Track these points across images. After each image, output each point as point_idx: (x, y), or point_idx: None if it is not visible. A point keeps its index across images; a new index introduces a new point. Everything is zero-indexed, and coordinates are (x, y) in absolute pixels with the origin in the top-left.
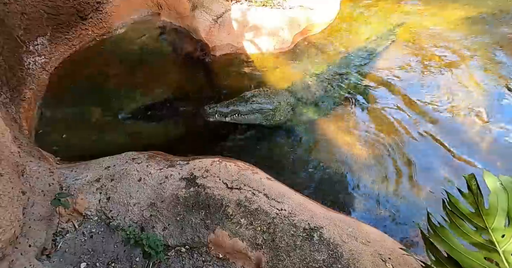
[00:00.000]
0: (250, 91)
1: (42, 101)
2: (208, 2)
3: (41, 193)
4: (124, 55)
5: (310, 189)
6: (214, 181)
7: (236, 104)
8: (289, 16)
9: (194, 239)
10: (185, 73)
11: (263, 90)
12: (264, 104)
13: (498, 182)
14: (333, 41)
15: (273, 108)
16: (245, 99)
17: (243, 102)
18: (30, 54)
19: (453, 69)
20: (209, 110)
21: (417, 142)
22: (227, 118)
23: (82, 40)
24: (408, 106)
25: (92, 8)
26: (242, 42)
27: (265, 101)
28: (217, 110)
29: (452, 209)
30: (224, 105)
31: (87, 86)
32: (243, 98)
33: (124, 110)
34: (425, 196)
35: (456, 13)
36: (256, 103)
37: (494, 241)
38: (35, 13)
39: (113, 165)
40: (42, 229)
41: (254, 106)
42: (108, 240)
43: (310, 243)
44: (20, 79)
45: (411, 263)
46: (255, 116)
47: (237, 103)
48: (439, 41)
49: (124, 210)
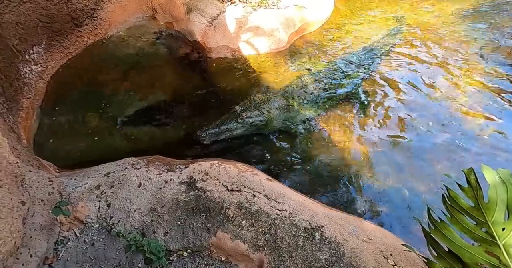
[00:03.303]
0: (238, 106)
1: (40, 109)
2: (203, 4)
3: (41, 202)
4: (120, 60)
5: (309, 188)
6: (214, 184)
7: (227, 123)
8: (284, 15)
9: (196, 243)
10: (181, 76)
11: (252, 100)
12: (255, 117)
13: (497, 176)
14: (329, 39)
15: (264, 119)
16: (235, 116)
17: (234, 119)
18: (26, 63)
19: (452, 65)
20: (202, 135)
21: (416, 137)
22: (222, 136)
23: (78, 47)
24: (406, 102)
25: (86, 15)
26: (238, 43)
27: (255, 114)
28: (209, 133)
29: (452, 203)
30: (215, 126)
31: (85, 93)
32: (234, 114)
33: (122, 115)
34: (426, 191)
35: (451, 6)
36: (246, 118)
37: (494, 234)
38: (30, 22)
39: (112, 172)
40: (43, 239)
41: (246, 121)
42: (110, 247)
43: (311, 243)
44: (17, 88)
45: (413, 259)
46: (250, 129)
47: (228, 121)
48: (437, 36)
49: (125, 216)
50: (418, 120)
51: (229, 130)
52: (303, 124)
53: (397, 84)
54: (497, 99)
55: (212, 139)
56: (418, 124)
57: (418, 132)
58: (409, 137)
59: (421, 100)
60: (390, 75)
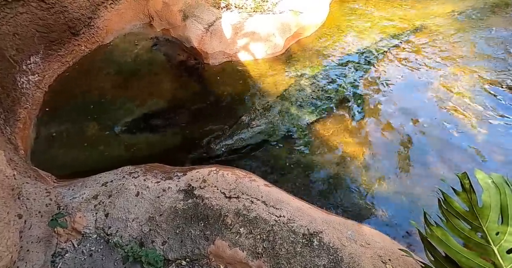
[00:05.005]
0: (245, 116)
1: (38, 119)
2: (199, 11)
3: (38, 214)
4: (118, 68)
5: (308, 193)
6: (212, 191)
7: (238, 133)
8: (279, 20)
9: (194, 251)
10: (179, 82)
11: (257, 109)
12: (263, 125)
13: (490, 180)
14: (325, 42)
15: (272, 125)
16: (245, 125)
17: (245, 129)
18: (23, 73)
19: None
20: (216, 147)
21: (415, 140)
22: (234, 146)
23: (75, 55)
24: (402, 104)
25: (83, 24)
26: (234, 49)
27: (264, 121)
28: (223, 144)
29: (447, 208)
30: (228, 137)
31: (83, 101)
32: (243, 124)
33: (120, 122)
34: (424, 194)
35: (446, 7)
36: (256, 126)
37: (488, 239)
38: (27, 33)
39: (110, 181)
40: (40, 251)
41: (256, 130)
42: (108, 258)
43: (310, 249)
44: (14, 99)
45: (411, 263)
46: (260, 136)
47: (238, 131)
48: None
49: (123, 226)
50: (415, 122)
51: (241, 140)
52: (302, 127)
53: (393, 86)
54: (494, 99)
55: (225, 150)
56: (416, 126)
57: (416, 134)
58: (408, 138)
59: (417, 101)
60: (387, 77)
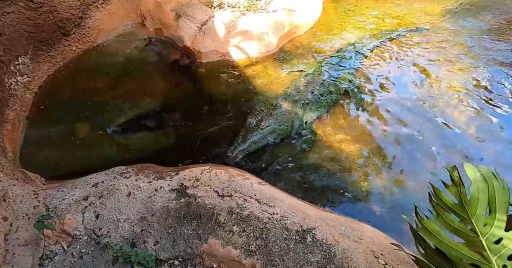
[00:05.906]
0: (251, 118)
1: (27, 120)
2: (192, 10)
3: (26, 216)
4: (110, 68)
5: (302, 190)
6: (205, 190)
7: (250, 136)
8: (273, 19)
9: (187, 251)
10: (172, 82)
11: (262, 110)
12: (273, 125)
13: (478, 173)
14: (318, 40)
15: (282, 124)
16: (255, 127)
17: (256, 131)
18: (11, 74)
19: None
20: (232, 155)
21: (409, 136)
22: (248, 150)
23: (66, 56)
24: (396, 100)
25: (74, 23)
26: (227, 48)
27: (273, 121)
28: (239, 150)
29: (437, 201)
30: (242, 143)
31: (74, 102)
32: (252, 127)
33: (112, 123)
34: (417, 190)
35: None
36: (266, 126)
37: (477, 230)
38: (15, 33)
39: (101, 182)
40: (28, 254)
41: (266, 131)
42: (98, 260)
43: (303, 246)
44: (1, 100)
45: (403, 257)
46: (271, 136)
47: (250, 135)
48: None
49: (114, 227)
50: (409, 117)
51: (255, 143)
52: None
53: (387, 82)
54: (486, 95)
55: (241, 155)
56: (410, 121)
57: (411, 130)
58: (402, 135)
59: (411, 98)
60: (380, 74)
